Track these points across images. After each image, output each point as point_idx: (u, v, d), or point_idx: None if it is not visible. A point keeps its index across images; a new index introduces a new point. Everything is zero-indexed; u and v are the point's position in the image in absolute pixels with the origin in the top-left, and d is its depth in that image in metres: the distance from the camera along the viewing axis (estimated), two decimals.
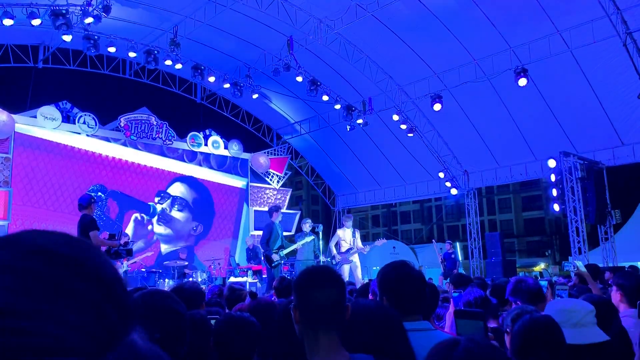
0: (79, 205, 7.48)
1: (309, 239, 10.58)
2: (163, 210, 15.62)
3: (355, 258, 11.16)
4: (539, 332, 1.86)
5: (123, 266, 11.22)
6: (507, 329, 2.27)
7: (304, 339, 1.73)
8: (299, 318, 1.74)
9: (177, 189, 16.04)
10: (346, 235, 11.26)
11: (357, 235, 11.39)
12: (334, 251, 11.26)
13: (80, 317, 0.46)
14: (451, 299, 3.88)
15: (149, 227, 15.34)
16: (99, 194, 14.34)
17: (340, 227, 11.89)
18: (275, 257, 10.05)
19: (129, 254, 8.24)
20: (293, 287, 1.82)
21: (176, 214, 15.89)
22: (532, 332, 1.86)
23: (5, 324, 0.42)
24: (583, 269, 5.19)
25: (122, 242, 7.84)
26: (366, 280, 7.98)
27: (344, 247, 11.19)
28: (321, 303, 1.71)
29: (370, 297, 4.31)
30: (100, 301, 0.48)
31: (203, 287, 8.47)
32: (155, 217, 15.47)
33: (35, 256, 0.47)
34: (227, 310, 3.83)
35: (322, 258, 11.01)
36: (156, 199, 15.55)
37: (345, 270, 11.04)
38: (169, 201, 15.75)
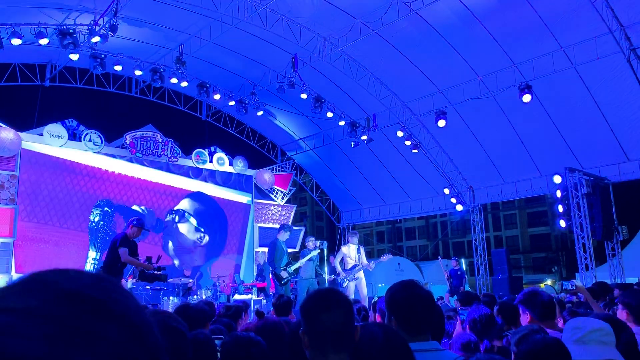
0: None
1: (315, 252, 10.54)
2: (166, 224, 15.63)
3: (361, 274, 11.08)
4: (546, 354, 1.85)
5: (128, 283, 11.19)
6: (514, 350, 2.24)
7: None
8: (309, 342, 1.73)
9: (182, 204, 16.08)
10: (351, 252, 11.17)
11: (362, 251, 11.32)
12: (339, 268, 11.18)
13: None
14: (458, 318, 3.85)
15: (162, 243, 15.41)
16: (105, 208, 14.36)
17: (345, 244, 11.83)
18: (284, 274, 10.03)
19: (164, 279, 8.19)
20: (300, 312, 1.81)
21: (177, 225, 15.89)
22: (540, 353, 1.84)
23: None
24: (581, 286, 5.17)
25: (157, 265, 7.78)
26: (375, 299, 7.92)
27: (349, 263, 11.09)
28: (329, 326, 1.70)
29: (377, 315, 4.27)
30: (132, 348, 0.47)
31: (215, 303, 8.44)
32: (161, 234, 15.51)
33: (66, 301, 0.46)
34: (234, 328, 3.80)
35: (325, 276, 10.94)
36: (166, 215, 15.62)
37: (351, 287, 10.94)
38: (172, 216, 15.77)
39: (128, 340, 0.47)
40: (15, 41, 11.27)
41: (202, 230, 16.28)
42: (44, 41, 11.39)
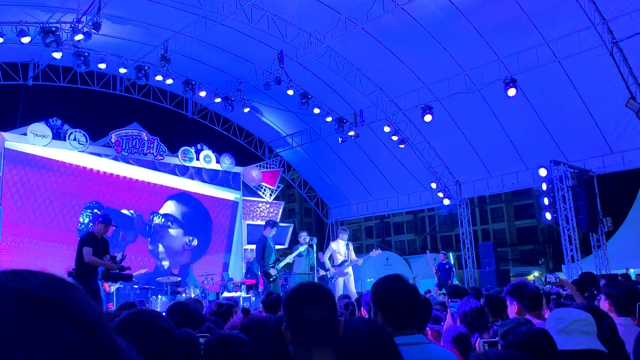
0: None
1: (302, 248, 10.51)
2: (154, 229, 15.58)
3: (349, 270, 11.12)
4: (533, 344, 1.86)
5: (115, 284, 11.10)
6: (501, 343, 2.26)
7: (299, 359, 1.70)
8: (292, 338, 1.71)
9: (167, 207, 16.01)
10: (340, 248, 11.21)
11: (351, 247, 11.37)
12: (328, 264, 11.20)
13: None
14: (448, 311, 3.88)
15: (150, 247, 15.35)
16: (95, 210, 14.24)
17: (334, 240, 11.84)
18: (272, 271, 10.01)
19: (128, 279, 8.06)
20: (283, 307, 1.79)
21: (167, 230, 15.84)
22: (526, 343, 1.86)
23: None
24: (564, 278, 5.26)
25: (121, 265, 7.65)
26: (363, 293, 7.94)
27: (339, 259, 11.12)
28: (313, 321, 1.68)
29: (363, 310, 4.28)
30: (84, 348, 0.45)
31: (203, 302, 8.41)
32: (149, 239, 15.47)
33: (14, 300, 0.45)
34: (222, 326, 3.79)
35: (321, 272, 10.95)
36: (151, 217, 15.53)
37: (340, 283, 11.00)
38: (159, 219, 15.70)
39: (80, 339, 0.46)
40: None
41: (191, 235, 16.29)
42: (26, 39, 11.23)
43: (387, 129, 15.16)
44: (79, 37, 11.04)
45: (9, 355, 0.41)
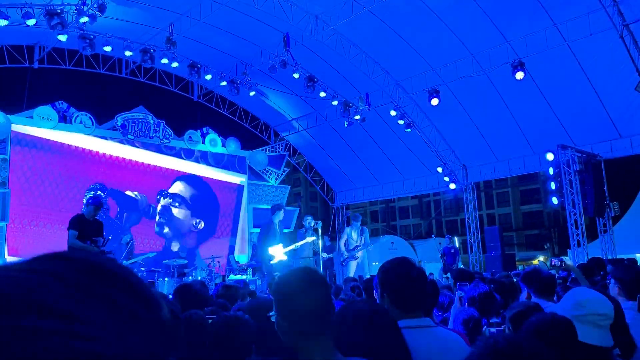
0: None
1: (310, 239, 10.63)
2: (162, 208, 15.64)
3: (360, 254, 11.66)
4: (553, 332, 1.83)
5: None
6: (508, 326, 2.25)
7: (296, 349, 1.62)
8: (286, 328, 1.63)
9: (176, 187, 16.07)
10: (353, 234, 11.72)
11: (366, 233, 12.00)
12: (343, 248, 11.75)
13: (130, 331, 0.47)
14: (456, 294, 3.88)
15: (156, 229, 15.45)
16: (99, 192, 14.32)
17: (348, 226, 12.24)
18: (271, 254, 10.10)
19: None
20: (274, 297, 1.70)
21: (174, 210, 15.90)
22: (547, 330, 1.83)
23: (60, 326, 0.43)
24: (570, 263, 5.23)
25: (102, 249, 7.65)
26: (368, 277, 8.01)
27: (352, 244, 11.66)
28: (309, 309, 1.60)
29: (375, 292, 4.28)
30: (149, 321, 0.50)
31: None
32: (157, 217, 15.53)
33: (89, 270, 0.50)
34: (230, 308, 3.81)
35: (323, 255, 11.11)
36: (158, 197, 15.61)
37: (352, 266, 11.52)
38: (167, 199, 15.76)
39: (148, 314, 0.51)
40: (2, 22, 11.05)
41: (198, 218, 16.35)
42: (31, 22, 11.18)
43: (393, 112, 15.08)
44: (84, 19, 10.98)
45: (78, 312, 0.45)
